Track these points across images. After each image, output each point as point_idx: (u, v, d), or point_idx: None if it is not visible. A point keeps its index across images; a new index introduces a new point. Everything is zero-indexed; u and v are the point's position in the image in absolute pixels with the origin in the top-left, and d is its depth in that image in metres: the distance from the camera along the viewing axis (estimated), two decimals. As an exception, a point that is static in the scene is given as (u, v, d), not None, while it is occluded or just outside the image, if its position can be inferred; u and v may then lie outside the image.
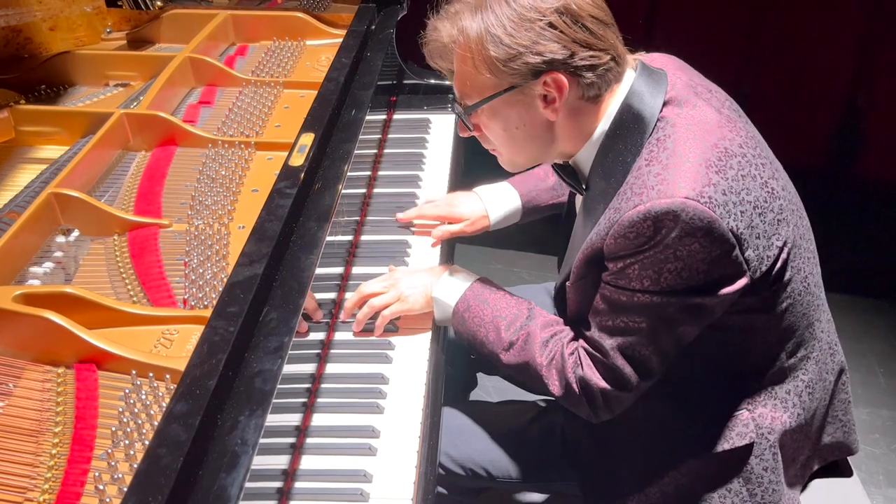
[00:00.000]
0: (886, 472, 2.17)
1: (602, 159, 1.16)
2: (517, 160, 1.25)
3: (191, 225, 1.39)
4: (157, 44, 2.03)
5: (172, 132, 1.61)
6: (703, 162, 1.07)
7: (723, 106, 1.19)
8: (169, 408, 0.93)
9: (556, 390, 1.22)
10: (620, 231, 1.07)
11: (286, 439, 1.15)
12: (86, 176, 1.47)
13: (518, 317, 1.27)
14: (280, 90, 1.81)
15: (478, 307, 1.31)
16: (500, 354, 1.27)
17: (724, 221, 1.04)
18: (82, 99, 1.79)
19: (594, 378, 1.17)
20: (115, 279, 1.30)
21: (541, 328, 1.25)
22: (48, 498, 0.95)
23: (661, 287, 1.08)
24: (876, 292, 2.76)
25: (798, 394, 1.24)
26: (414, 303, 1.35)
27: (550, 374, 1.22)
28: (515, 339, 1.26)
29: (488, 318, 1.29)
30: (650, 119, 1.13)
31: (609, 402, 1.19)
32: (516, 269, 2.85)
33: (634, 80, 1.15)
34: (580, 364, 1.19)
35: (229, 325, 1.04)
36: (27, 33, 1.85)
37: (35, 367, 1.13)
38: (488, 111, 1.17)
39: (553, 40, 1.07)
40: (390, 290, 1.36)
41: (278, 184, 1.31)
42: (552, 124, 1.16)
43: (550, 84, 1.10)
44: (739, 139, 1.13)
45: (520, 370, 1.26)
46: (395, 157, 1.84)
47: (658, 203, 1.04)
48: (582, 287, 1.21)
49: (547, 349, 1.23)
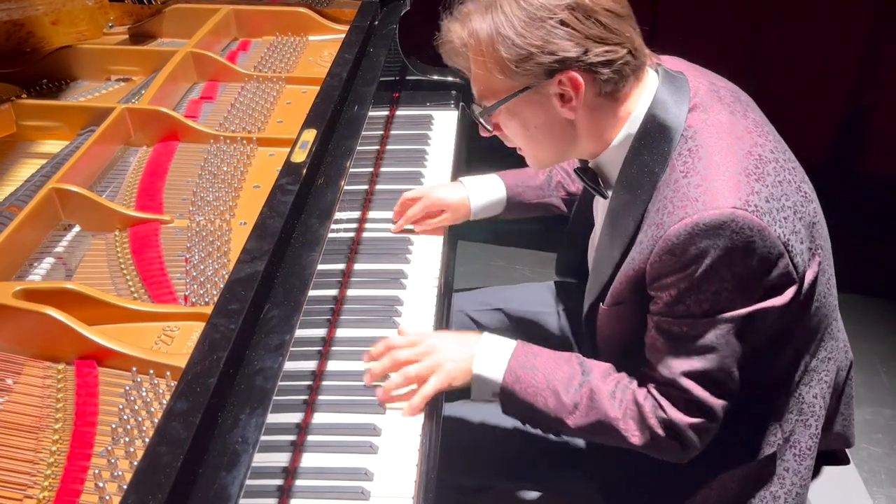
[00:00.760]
0: (889, 472, 2.17)
1: (627, 170, 1.14)
2: (542, 158, 1.22)
3: (192, 221, 1.39)
4: (158, 38, 2.03)
5: (174, 127, 1.61)
6: (742, 170, 1.04)
7: (747, 109, 1.16)
8: (169, 405, 0.92)
9: (638, 440, 1.15)
10: (667, 247, 1.04)
11: (287, 437, 1.15)
12: (87, 171, 1.46)
13: (573, 375, 1.19)
14: (282, 86, 1.80)
15: (527, 376, 1.20)
16: (566, 419, 1.18)
17: (772, 229, 1.02)
18: (84, 93, 1.78)
19: (679, 416, 1.12)
20: (115, 275, 1.29)
21: (601, 381, 1.18)
22: (48, 495, 0.95)
23: (722, 307, 1.05)
24: (880, 291, 2.75)
25: (823, 396, 1.22)
26: (454, 378, 1.21)
27: (628, 426, 1.15)
28: (579, 399, 1.17)
29: (542, 386, 1.19)
30: (676, 129, 1.10)
31: (700, 435, 1.13)
32: (518, 267, 2.85)
33: (658, 89, 1.13)
34: (659, 406, 1.13)
35: (230, 323, 1.03)
36: (29, 27, 1.84)
37: (35, 363, 1.12)
38: (506, 112, 1.15)
39: (565, 38, 1.05)
40: (425, 360, 1.21)
41: (280, 180, 1.30)
42: (572, 122, 1.13)
43: (566, 83, 1.08)
44: (770, 144, 1.11)
45: (592, 430, 1.18)
46: (397, 154, 1.83)
47: (705, 215, 1.01)
48: (620, 311, 1.17)
49: (616, 400, 1.16)
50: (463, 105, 2.01)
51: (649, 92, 1.14)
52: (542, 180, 1.59)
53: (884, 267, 2.84)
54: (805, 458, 1.23)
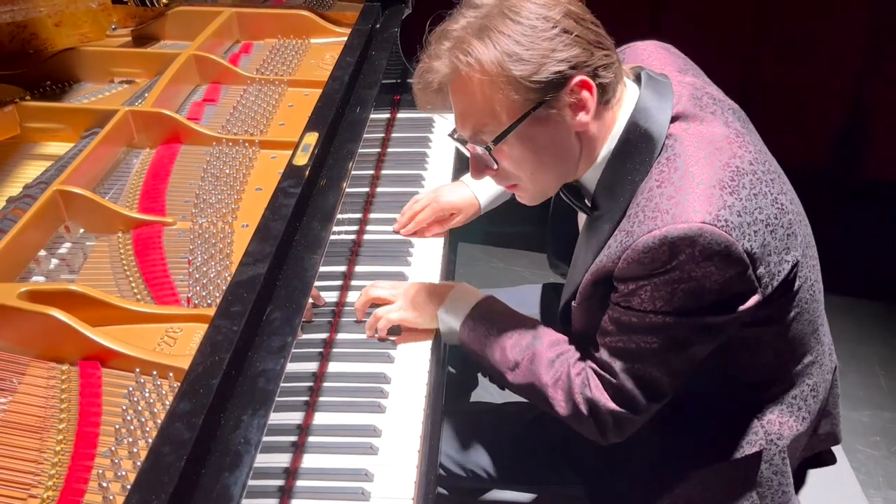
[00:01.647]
0: (886, 474, 2.18)
1: (609, 178, 1.13)
2: (546, 186, 1.19)
3: (195, 223, 1.40)
4: (161, 41, 2.03)
5: (177, 130, 1.62)
6: (717, 183, 1.05)
7: (729, 117, 1.17)
8: (172, 406, 0.93)
9: (563, 410, 1.19)
10: (634, 256, 1.05)
11: (288, 437, 1.16)
12: (90, 173, 1.47)
13: (524, 336, 1.25)
14: (284, 88, 1.81)
15: (483, 327, 1.29)
16: (506, 374, 1.25)
17: (740, 243, 1.03)
18: (87, 95, 1.79)
19: (602, 399, 1.15)
20: (119, 277, 1.30)
21: (546, 347, 1.23)
22: (52, 494, 0.96)
23: (674, 307, 1.06)
24: (878, 294, 2.76)
25: (804, 398, 1.24)
26: (419, 315, 1.34)
27: (556, 395, 1.20)
28: (521, 358, 1.24)
29: (494, 338, 1.27)
30: (658, 137, 1.11)
31: (619, 425, 1.16)
32: (517, 268, 2.85)
33: (640, 95, 1.13)
34: (588, 385, 1.17)
35: (233, 325, 1.04)
36: (32, 29, 1.86)
37: (39, 363, 1.14)
38: (515, 138, 1.10)
39: (571, 44, 1.05)
40: (398, 299, 1.34)
41: (282, 183, 1.31)
42: (578, 136, 1.12)
43: (577, 90, 1.07)
44: (749, 155, 1.11)
45: (525, 390, 1.24)
46: (398, 157, 1.84)
47: (674, 228, 1.02)
48: (588, 307, 1.19)
49: (553, 369, 1.21)
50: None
51: (630, 98, 1.14)
52: None
53: (882, 269, 2.85)
54: (790, 458, 1.24)
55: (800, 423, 1.24)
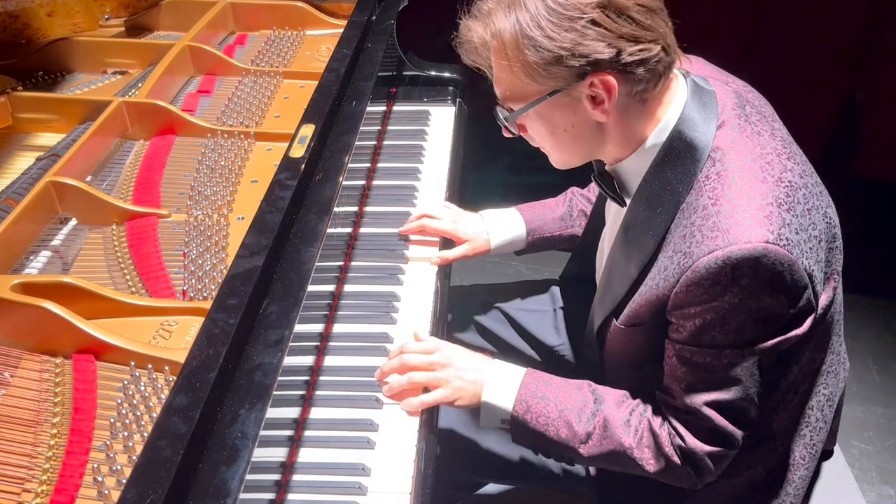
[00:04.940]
0: (879, 470, 2.19)
1: (648, 185, 1.10)
2: (568, 160, 1.17)
3: (190, 215, 1.39)
4: (155, 31, 2.01)
5: (171, 121, 1.60)
6: (774, 200, 1.01)
7: (773, 126, 1.13)
8: (168, 400, 0.92)
9: (653, 468, 1.14)
10: (695, 278, 1.01)
11: (284, 432, 1.15)
12: (84, 164, 1.45)
13: (586, 403, 1.18)
14: (280, 80, 1.80)
15: (538, 406, 1.18)
16: (579, 448, 1.17)
17: (800, 262, 1.00)
18: (80, 86, 1.77)
19: (698, 445, 1.11)
20: (113, 269, 1.29)
21: (615, 408, 1.17)
22: (46, 489, 0.95)
23: (745, 339, 1.03)
24: (871, 291, 2.76)
25: (821, 408, 1.22)
26: (460, 399, 1.21)
27: (643, 454, 1.14)
28: (592, 428, 1.16)
29: (554, 416, 1.17)
30: (703, 149, 1.06)
31: (717, 463, 1.13)
32: (514, 264, 2.85)
33: (686, 104, 1.09)
34: (677, 435, 1.12)
35: (229, 318, 1.03)
36: (25, 19, 1.83)
37: (33, 356, 1.12)
38: (533, 115, 1.09)
39: (597, 39, 0.98)
40: (436, 370, 1.21)
41: (278, 175, 1.30)
42: (602, 125, 1.08)
43: (598, 85, 1.02)
44: (798, 168, 1.08)
45: (605, 459, 1.17)
46: (394, 149, 1.83)
47: (737, 249, 0.98)
48: (635, 332, 1.15)
49: (630, 429, 1.15)
50: (460, 101, 2.01)
51: (679, 101, 1.09)
52: (563, 211, 1.55)
53: (875, 266, 2.86)
54: (800, 468, 1.24)
55: (812, 432, 1.22)
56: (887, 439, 2.28)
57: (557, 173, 1.25)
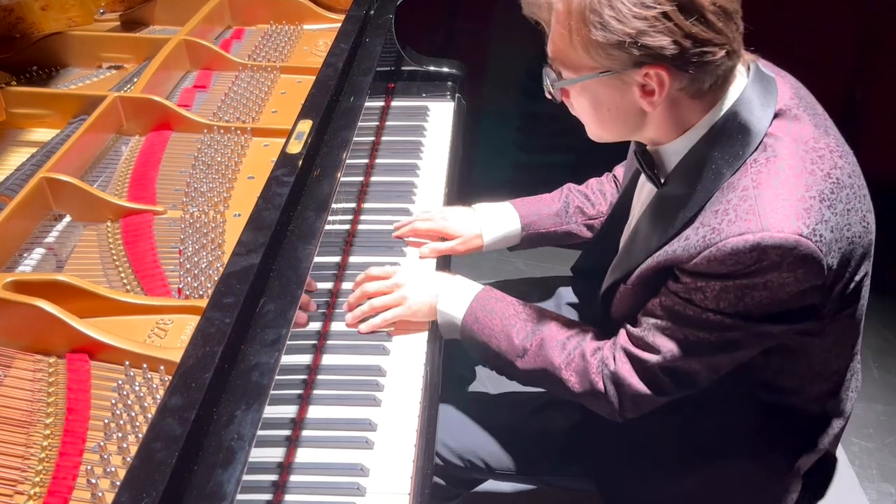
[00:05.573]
0: (880, 467, 2.18)
1: (691, 161, 1.08)
2: (604, 136, 1.14)
3: (186, 212, 1.37)
4: (151, 26, 1.99)
5: (167, 117, 1.58)
6: (818, 194, 1.00)
7: (828, 123, 1.11)
8: (163, 401, 0.91)
9: (577, 389, 1.18)
10: (719, 255, 0.99)
11: (282, 431, 1.14)
12: (78, 160, 1.44)
13: (529, 322, 1.23)
14: (277, 75, 1.78)
15: (486, 318, 1.26)
16: (515, 362, 1.23)
17: (826, 259, 0.99)
18: (75, 81, 1.75)
19: (630, 378, 1.13)
20: (108, 267, 1.27)
21: (555, 330, 1.21)
22: (39, 491, 0.93)
23: (737, 311, 1.03)
24: (871, 287, 2.75)
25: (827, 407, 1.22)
26: (417, 310, 1.30)
27: (570, 377, 1.18)
28: (529, 344, 1.22)
29: (498, 328, 1.24)
30: (758, 133, 1.04)
31: (638, 404, 1.15)
32: (513, 260, 2.83)
33: (746, 87, 1.06)
34: (612, 361, 1.15)
35: (225, 317, 1.01)
36: (19, 13, 1.81)
37: (25, 356, 1.11)
38: (580, 87, 1.07)
39: (664, 33, 0.95)
40: (394, 291, 1.31)
41: (275, 171, 1.29)
42: (646, 113, 1.06)
43: (651, 76, 0.99)
44: (848, 167, 1.06)
45: (535, 375, 1.22)
46: (392, 145, 1.82)
47: (769, 236, 0.96)
48: (641, 291, 1.14)
49: (565, 351, 1.19)
50: (459, 96, 1.99)
51: (737, 87, 1.06)
52: (559, 207, 1.53)
53: (875, 262, 2.85)
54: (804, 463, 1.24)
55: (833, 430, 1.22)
56: (887, 436, 2.27)
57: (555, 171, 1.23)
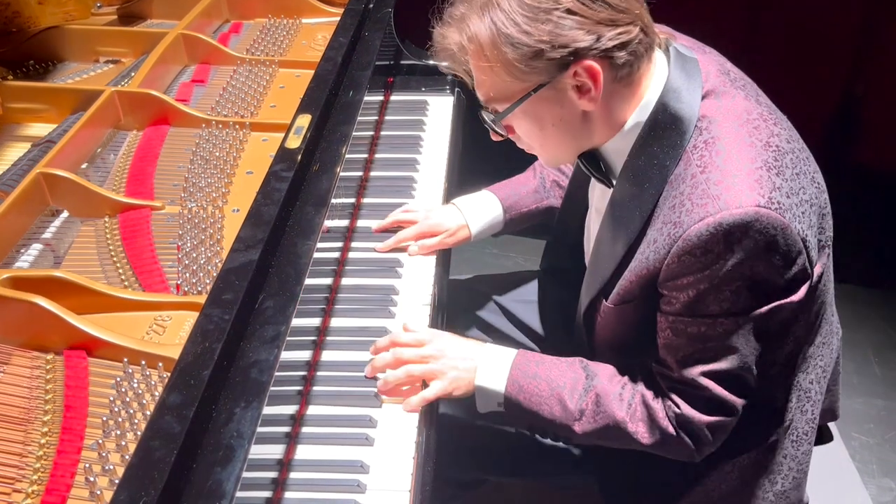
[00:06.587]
0: (880, 462, 2.17)
1: (634, 161, 1.08)
2: (558, 156, 1.16)
3: (184, 207, 1.36)
4: (148, 19, 1.98)
5: (165, 111, 1.57)
6: (763, 164, 1.00)
7: (758, 93, 1.12)
8: (162, 398, 0.90)
9: (647, 441, 1.13)
10: (686, 247, 0.99)
11: (281, 428, 1.13)
12: (75, 155, 1.43)
13: (578, 380, 1.17)
14: (275, 69, 1.77)
15: (530, 385, 1.18)
16: (573, 426, 1.16)
17: (793, 225, 0.98)
18: (72, 75, 1.74)
19: (696, 415, 1.09)
20: (105, 263, 1.26)
21: (607, 383, 1.16)
22: (37, 489, 0.93)
23: (742, 306, 1.02)
24: (871, 282, 2.75)
25: (818, 381, 1.21)
26: (456, 388, 1.20)
27: (637, 428, 1.13)
28: (585, 405, 1.15)
29: (546, 394, 1.17)
30: (689, 120, 1.05)
31: (716, 433, 1.11)
32: (511, 254, 2.83)
33: (670, 75, 1.07)
34: (674, 405, 1.11)
35: (224, 313, 1.01)
36: (15, 7, 1.80)
37: (23, 352, 1.10)
38: (519, 114, 1.08)
39: (574, 27, 0.97)
40: (429, 363, 1.20)
41: (274, 166, 1.28)
42: (589, 114, 1.07)
43: (582, 73, 1.00)
44: (785, 133, 1.07)
45: (600, 435, 1.16)
46: (392, 140, 1.80)
47: (728, 214, 0.96)
48: (625, 310, 1.13)
49: (623, 402, 1.14)
50: (458, 90, 1.98)
51: (660, 75, 1.08)
52: (536, 183, 1.53)
53: (876, 257, 2.85)
54: (802, 443, 1.23)
55: (813, 406, 1.21)
56: (887, 431, 2.26)
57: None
